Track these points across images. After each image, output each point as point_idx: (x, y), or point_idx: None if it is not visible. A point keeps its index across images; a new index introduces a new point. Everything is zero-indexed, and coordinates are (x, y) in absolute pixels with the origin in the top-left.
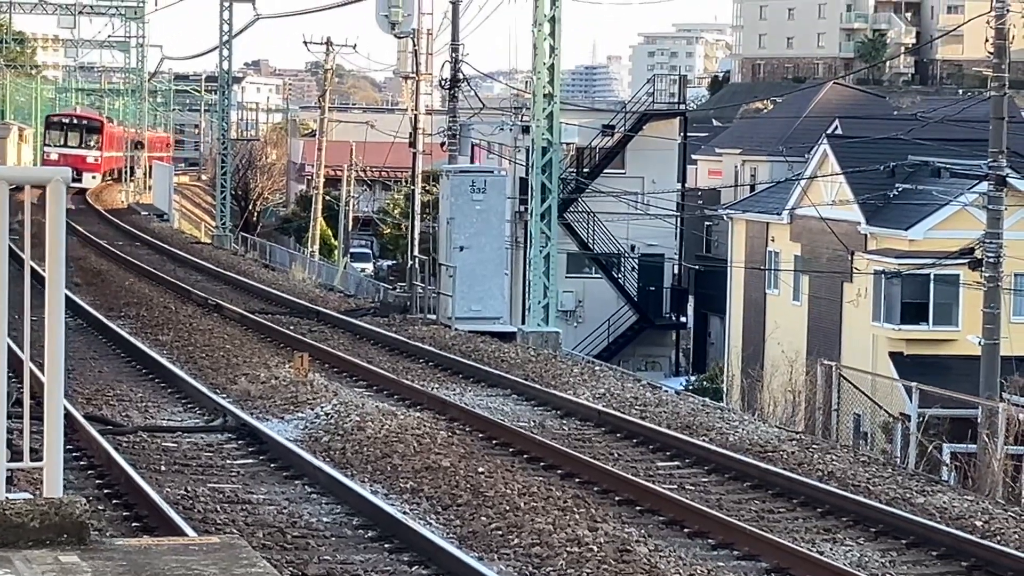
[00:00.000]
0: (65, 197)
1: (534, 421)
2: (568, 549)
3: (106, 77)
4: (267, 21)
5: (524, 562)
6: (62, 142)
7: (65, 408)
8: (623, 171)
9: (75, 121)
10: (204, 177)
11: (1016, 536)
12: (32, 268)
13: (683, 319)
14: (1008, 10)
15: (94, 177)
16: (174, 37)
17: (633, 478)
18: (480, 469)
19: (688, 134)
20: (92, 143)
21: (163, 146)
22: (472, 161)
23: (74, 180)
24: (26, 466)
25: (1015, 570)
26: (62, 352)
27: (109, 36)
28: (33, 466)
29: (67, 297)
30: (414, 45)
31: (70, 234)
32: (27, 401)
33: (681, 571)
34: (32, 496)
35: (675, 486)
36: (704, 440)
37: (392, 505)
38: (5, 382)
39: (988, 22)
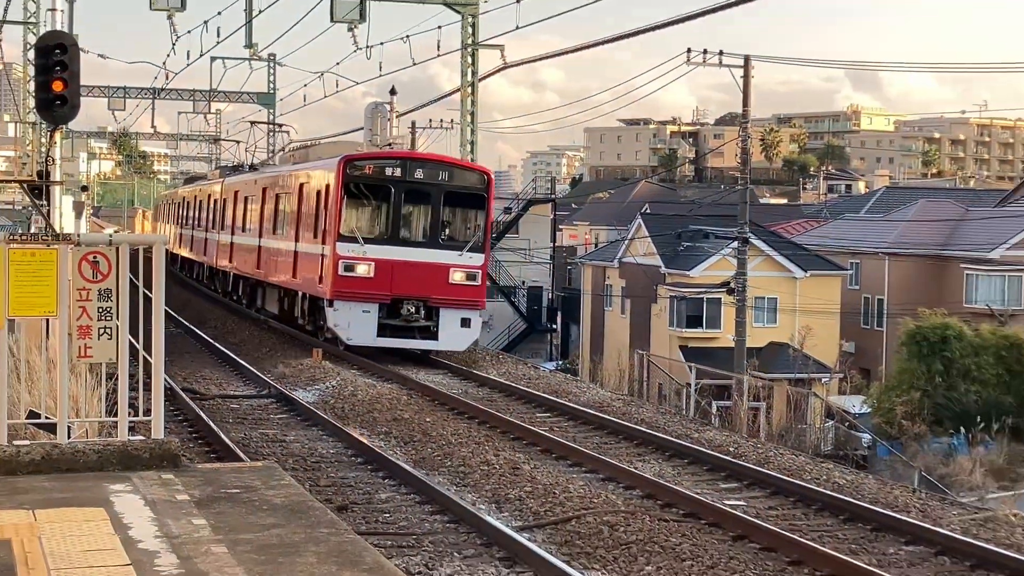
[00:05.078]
0: (164, 255)
1: (462, 389)
2: (481, 468)
3: None
4: None
5: (454, 476)
6: (387, 228)
7: (167, 383)
8: (518, 235)
9: (425, 173)
10: None
11: (752, 456)
12: (145, 295)
13: (554, 326)
14: (748, 137)
15: (468, 325)
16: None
17: (521, 423)
18: (428, 419)
19: (557, 212)
20: (468, 233)
21: None
22: None
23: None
24: (141, 420)
25: (751, 476)
26: (162, 347)
27: (198, 153)
28: (145, 419)
29: (171, 314)
30: None
31: (176, 282)
32: (141, 378)
33: (549, 477)
34: (144, 438)
35: (547, 428)
36: (566, 400)
37: (372, 442)
38: (127, 366)
39: (737, 144)
